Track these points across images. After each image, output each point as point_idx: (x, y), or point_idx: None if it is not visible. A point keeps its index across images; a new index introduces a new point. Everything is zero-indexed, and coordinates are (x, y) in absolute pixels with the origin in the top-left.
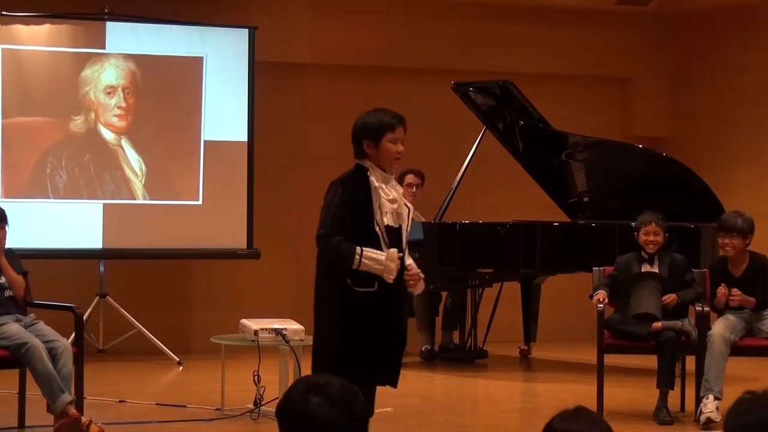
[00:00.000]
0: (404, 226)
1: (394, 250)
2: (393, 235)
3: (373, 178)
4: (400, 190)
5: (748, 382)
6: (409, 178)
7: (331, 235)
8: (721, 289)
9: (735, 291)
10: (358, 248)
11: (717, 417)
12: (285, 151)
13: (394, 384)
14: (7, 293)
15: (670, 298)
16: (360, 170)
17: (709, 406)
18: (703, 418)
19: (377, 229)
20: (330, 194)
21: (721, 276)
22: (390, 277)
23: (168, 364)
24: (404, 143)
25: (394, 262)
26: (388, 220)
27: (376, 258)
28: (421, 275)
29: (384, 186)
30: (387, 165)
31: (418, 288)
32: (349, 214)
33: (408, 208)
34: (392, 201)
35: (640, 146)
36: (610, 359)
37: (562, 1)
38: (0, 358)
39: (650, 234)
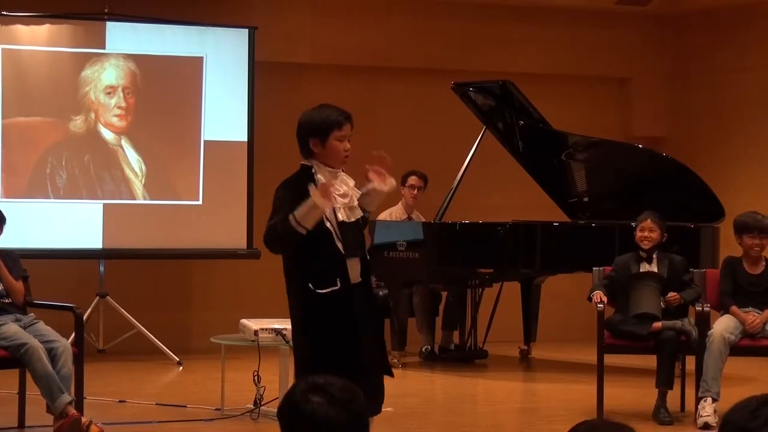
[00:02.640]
0: (359, 219)
1: (314, 187)
2: (348, 229)
3: (319, 176)
4: (352, 182)
5: (748, 382)
6: (412, 180)
7: (269, 227)
8: (753, 318)
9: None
10: (289, 215)
11: (714, 421)
12: (285, 151)
13: (388, 372)
14: (5, 300)
15: (675, 296)
16: (305, 171)
17: (707, 409)
18: (700, 422)
19: (328, 225)
20: (276, 198)
21: (736, 274)
22: (326, 202)
23: (168, 364)
24: (351, 141)
25: (319, 190)
26: (341, 215)
27: (304, 206)
28: (382, 171)
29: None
30: (335, 163)
31: (388, 184)
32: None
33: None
34: (343, 195)
35: (640, 146)
36: (610, 359)
37: (562, 1)
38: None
39: (645, 230)
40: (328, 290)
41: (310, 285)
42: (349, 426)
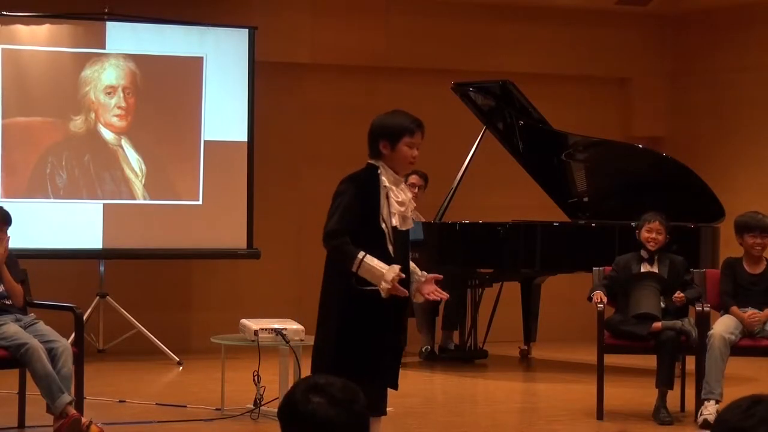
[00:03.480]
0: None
1: (396, 267)
2: (399, 236)
3: (384, 178)
4: (410, 195)
5: (748, 382)
6: (413, 179)
7: (338, 234)
8: (753, 314)
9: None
10: (360, 253)
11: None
12: (285, 151)
13: (394, 385)
14: (6, 301)
15: (680, 296)
16: (371, 169)
17: (710, 409)
18: (700, 420)
19: (384, 226)
20: (339, 191)
21: (736, 274)
22: (383, 291)
23: (168, 364)
24: (419, 149)
25: (392, 279)
26: (395, 221)
27: (377, 267)
28: (444, 294)
29: (394, 188)
30: (400, 168)
31: (422, 299)
32: (358, 212)
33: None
34: (401, 203)
35: (640, 146)
36: (610, 359)
37: (562, 1)
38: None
39: (653, 231)
40: (370, 288)
41: (354, 280)
42: (349, 426)
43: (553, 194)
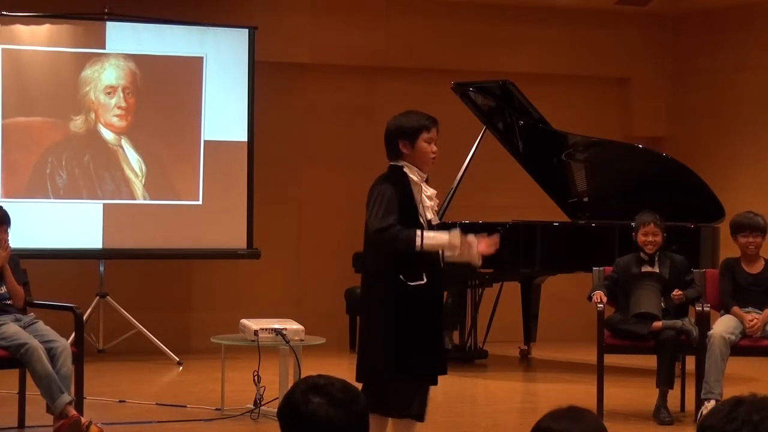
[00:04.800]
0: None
1: (456, 230)
2: (431, 231)
3: (411, 176)
4: (434, 190)
5: (748, 382)
6: None
7: (389, 225)
8: (753, 319)
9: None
10: (416, 230)
11: None
12: (285, 151)
13: (445, 371)
14: (7, 301)
15: (679, 293)
16: (397, 170)
17: (710, 408)
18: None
19: (422, 220)
20: (375, 193)
21: (735, 274)
22: (454, 251)
23: (168, 364)
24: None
25: (457, 238)
26: (429, 215)
27: (438, 236)
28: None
29: (422, 184)
30: (422, 164)
31: (478, 258)
32: (397, 207)
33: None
34: (430, 198)
35: (640, 146)
36: (610, 359)
37: (562, 1)
38: None
39: (649, 235)
40: (416, 283)
41: (401, 277)
42: (349, 426)
43: (553, 194)
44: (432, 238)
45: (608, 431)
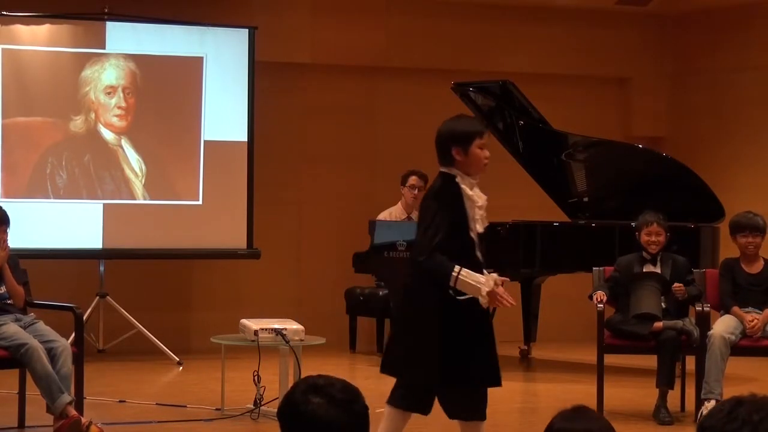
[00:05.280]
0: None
1: (493, 276)
2: (482, 241)
3: (464, 187)
4: (485, 196)
5: (748, 382)
6: (413, 180)
7: (433, 251)
8: (753, 319)
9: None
10: (456, 268)
11: None
12: (285, 151)
13: (499, 383)
14: (7, 301)
15: (680, 287)
16: (449, 180)
17: (710, 408)
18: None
19: (472, 234)
20: (428, 213)
21: (734, 274)
22: (483, 301)
23: (168, 364)
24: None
25: (489, 292)
26: (479, 227)
27: (473, 282)
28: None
29: (473, 195)
30: (475, 171)
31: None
32: (448, 226)
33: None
34: (481, 207)
35: (640, 146)
36: (610, 359)
37: (562, 1)
38: None
39: (652, 235)
40: (465, 297)
41: (451, 291)
42: (349, 427)
43: (553, 194)
44: (467, 283)
45: None
